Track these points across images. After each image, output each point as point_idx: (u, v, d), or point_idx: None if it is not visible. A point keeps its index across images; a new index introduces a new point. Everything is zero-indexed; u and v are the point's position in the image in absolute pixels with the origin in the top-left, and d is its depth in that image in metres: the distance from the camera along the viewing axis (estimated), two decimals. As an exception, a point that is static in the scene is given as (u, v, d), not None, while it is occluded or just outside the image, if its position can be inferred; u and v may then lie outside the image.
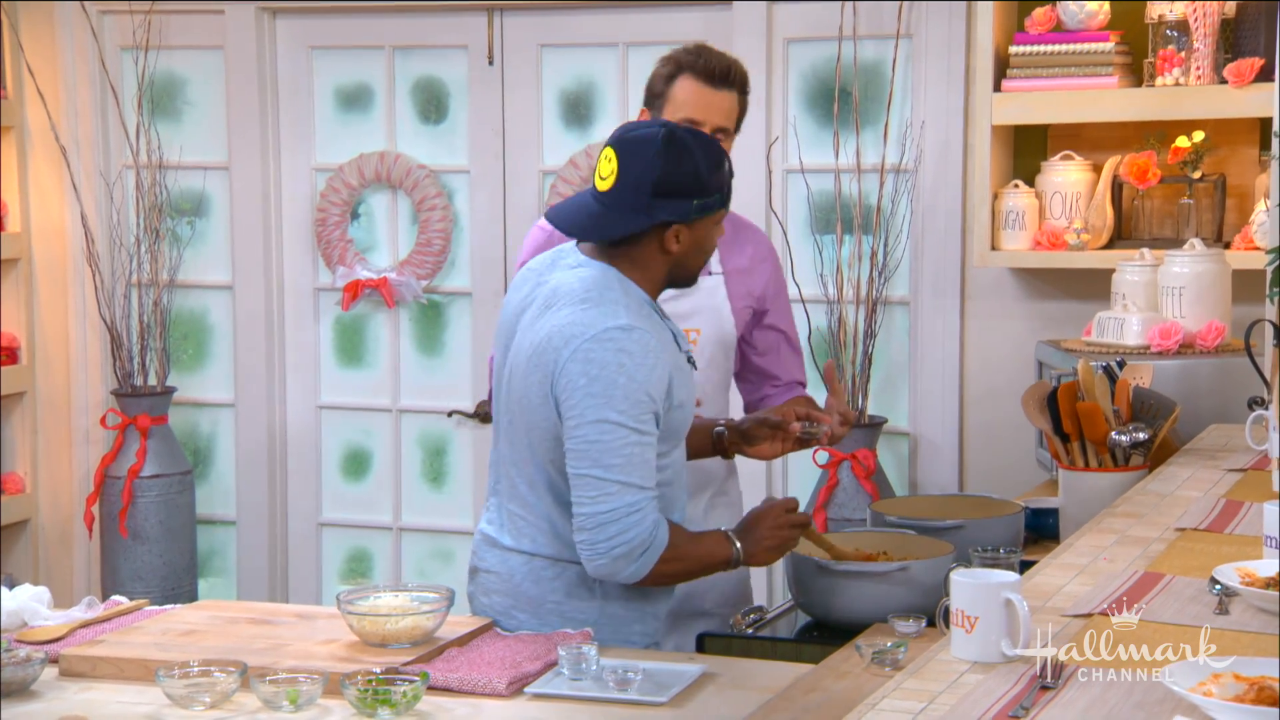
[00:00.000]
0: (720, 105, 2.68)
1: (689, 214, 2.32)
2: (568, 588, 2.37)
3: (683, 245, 2.35)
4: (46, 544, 4.57)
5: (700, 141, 2.35)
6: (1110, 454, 2.75)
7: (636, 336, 2.27)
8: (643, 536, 2.26)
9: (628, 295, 2.33)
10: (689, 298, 2.73)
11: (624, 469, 2.25)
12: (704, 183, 2.32)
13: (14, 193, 4.43)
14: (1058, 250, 3.66)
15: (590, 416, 2.25)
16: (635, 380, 2.26)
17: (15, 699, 2.04)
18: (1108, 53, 3.58)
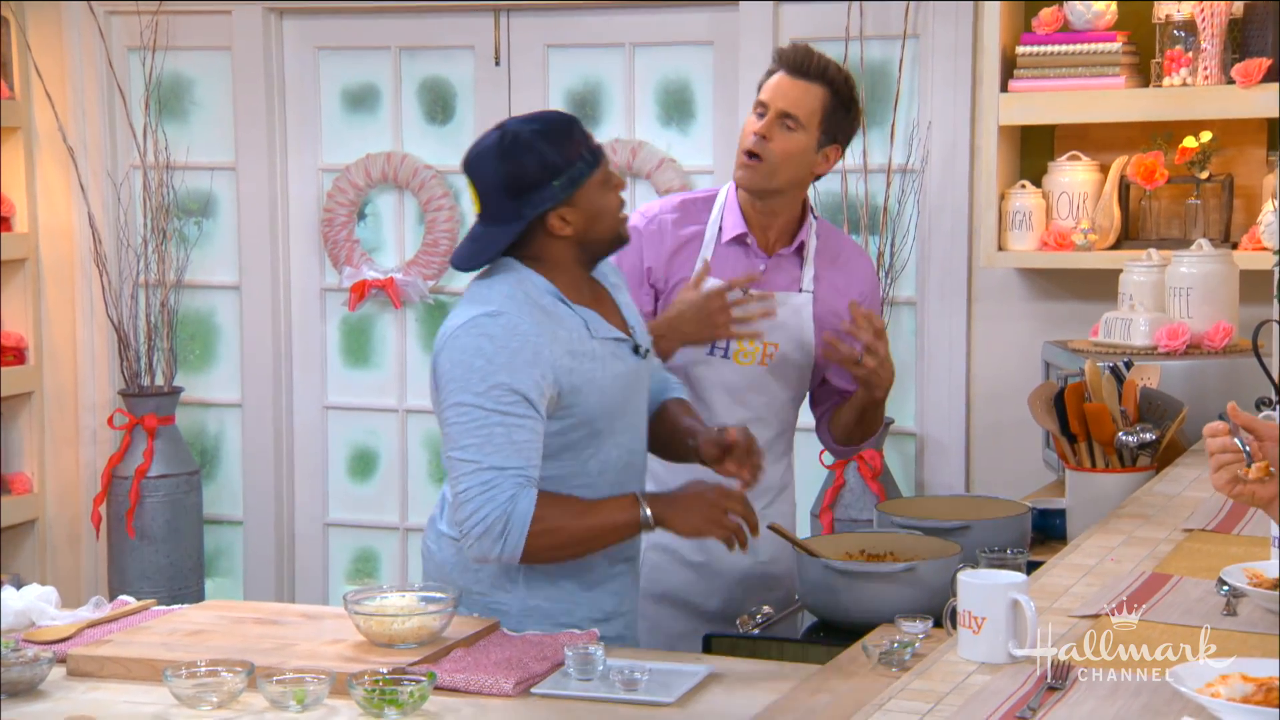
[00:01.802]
0: (788, 90, 2.67)
1: (557, 196, 2.31)
2: (492, 579, 2.39)
3: (574, 222, 2.34)
4: (54, 544, 4.58)
5: (537, 124, 2.33)
6: (1117, 455, 2.75)
7: (503, 321, 2.28)
8: (497, 513, 2.25)
9: (517, 287, 2.33)
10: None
11: (479, 449, 2.26)
12: (555, 163, 2.30)
13: (21, 193, 4.44)
14: (1065, 251, 3.65)
15: (451, 400, 2.29)
16: (494, 363, 2.27)
17: (23, 698, 2.04)
18: (1115, 53, 3.58)
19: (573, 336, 2.34)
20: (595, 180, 2.34)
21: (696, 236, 2.77)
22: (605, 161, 2.37)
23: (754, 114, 2.72)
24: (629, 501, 2.33)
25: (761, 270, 2.74)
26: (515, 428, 2.27)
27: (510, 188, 2.31)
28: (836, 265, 2.81)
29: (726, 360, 2.74)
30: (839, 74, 2.72)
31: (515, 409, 2.27)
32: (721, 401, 2.76)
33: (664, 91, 4.18)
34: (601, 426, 2.38)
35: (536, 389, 2.28)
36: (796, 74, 2.69)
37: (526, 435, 2.28)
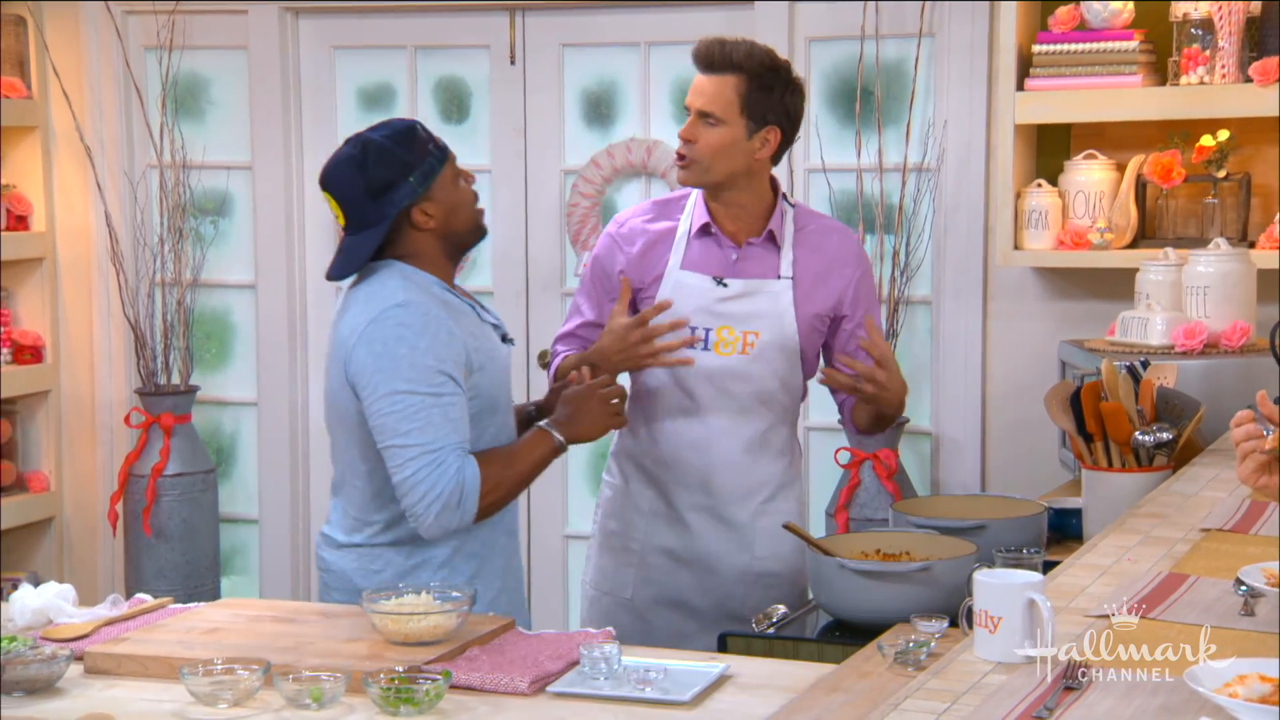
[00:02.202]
0: (702, 88, 2.71)
1: (415, 191, 2.47)
2: (397, 576, 2.49)
3: (435, 216, 2.49)
4: (71, 542, 4.59)
5: (385, 130, 2.49)
6: (1134, 454, 2.74)
7: (414, 309, 2.42)
8: (450, 486, 2.39)
9: (408, 280, 2.47)
10: (749, 300, 2.74)
11: (421, 432, 2.39)
12: (407, 160, 2.46)
13: (39, 192, 4.46)
14: (1081, 250, 3.64)
15: (381, 391, 2.40)
16: (417, 349, 2.39)
17: (41, 696, 2.04)
18: (1132, 51, 3.57)
19: (468, 319, 2.49)
20: (447, 174, 2.50)
21: (669, 232, 2.80)
22: (453, 158, 2.52)
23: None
24: (541, 435, 2.52)
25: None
26: (449, 406, 2.41)
27: (370, 190, 2.46)
28: (817, 248, 2.80)
29: (707, 351, 2.75)
30: (753, 58, 2.72)
31: (445, 389, 2.41)
32: (705, 393, 2.77)
33: (679, 90, 4.17)
34: (498, 403, 2.54)
35: (457, 366, 2.43)
36: (708, 70, 2.72)
37: (458, 411, 2.42)
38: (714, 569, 2.81)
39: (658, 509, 2.82)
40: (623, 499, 2.86)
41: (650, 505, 2.83)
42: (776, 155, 2.76)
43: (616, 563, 2.86)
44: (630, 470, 2.86)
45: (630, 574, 2.84)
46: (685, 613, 2.79)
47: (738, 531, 2.82)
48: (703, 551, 2.81)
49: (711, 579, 2.81)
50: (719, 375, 2.76)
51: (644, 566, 2.83)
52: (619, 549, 2.86)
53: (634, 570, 2.84)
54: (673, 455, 2.80)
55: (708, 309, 2.75)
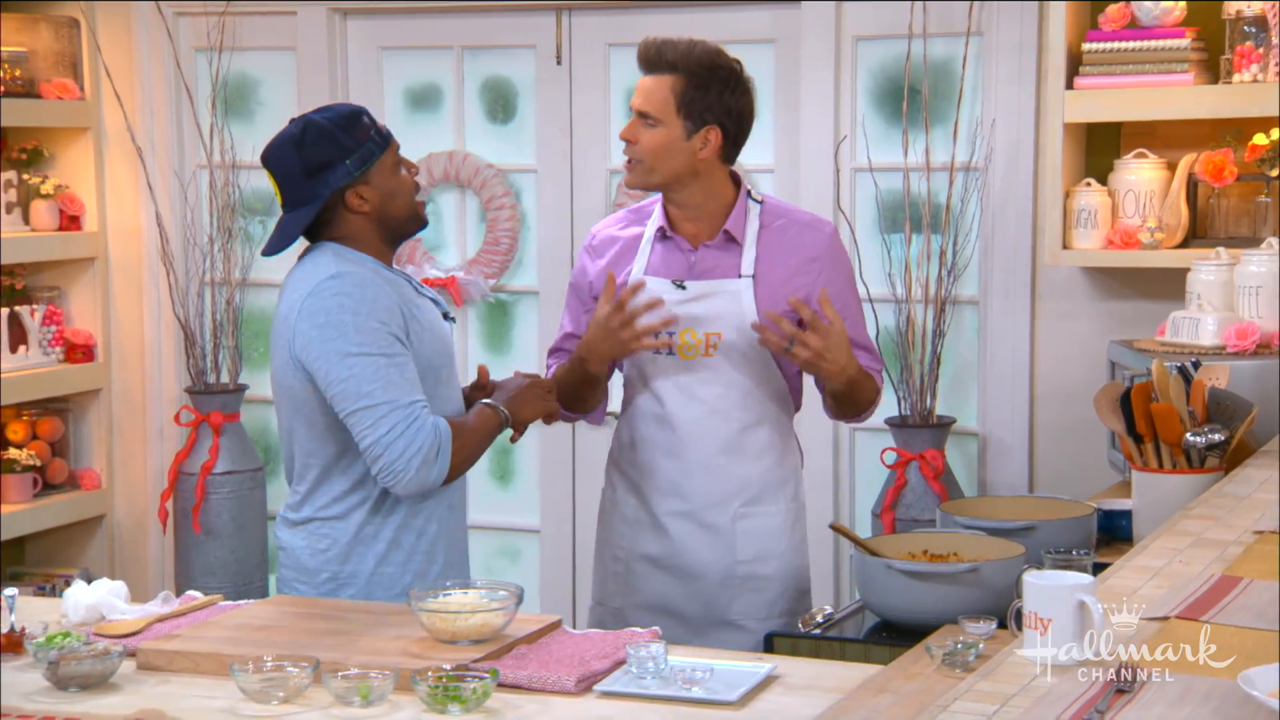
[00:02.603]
0: (642, 89, 2.72)
1: (351, 173, 2.52)
2: (341, 554, 2.56)
3: (370, 201, 2.55)
4: (122, 539, 4.64)
5: (329, 113, 2.54)
6: (1185, 455, 2.72)
7: (348, 278, 2.48)
8: (430, 439, 2.45)
9: (341, 257, 2.53)
10: (709, 301, 2.73)
11: (385, 389, 2.44)
12: (346, 144, 2.51)
13: (91, 193, 4.51)
14: (1131, 249, 3.62)
15: (335, 359, 2.44)
16: (360, 313, 2.45)
17: (95, 691, 2.06)
18: (1183, 49, 3.54)
19: (403, 288, 2.56)
20: (386, 161, 2.55)
21: (636, 239, 2.81)
22: (395, 146, 2.57)
23: None
24: (488, 409, 2.60)
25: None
26: (402, 364, 2.47)
27: (307, 169, 2.51)
28: (784, 244, 2.76)
29: (672, 356, 2.75)
30: (690, 58, 2.71)
31: (394, 348, 2.47)
32: (674, 398, 2.76)
33: (725, 90, 4.17)
34: (443, 372, 2.59)
35: (400, 326, 2.49)
36: (648, 70, 2.73)
37: (411, 370, 2.50)
38: (697, 574, 2.79)
39: (640, 516, 2.82)
40: (610, 507, 2.87)
41: (634, 513, 2.82)
42: (727, 154, 2.73)
43: (605, 572, 2.87)
44: (616, 478, 2.87)
45: (617, 583, 2.84)
46: (673, 619, 2.76)
47: (718, 535, 2.78)
48: (684, 557, 2.79)
49: (695, 584, 2.79)
50: (685, 379, 2.75)
51: (629, 574, 2.82)
52: (607, 558, 2.87)
53: (620, 579, 2.83)
54: (649, 461, 2.80)
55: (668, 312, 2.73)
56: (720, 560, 2.78)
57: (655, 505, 2.80)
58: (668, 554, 2.80)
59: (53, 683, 2.07)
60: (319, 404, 2.50)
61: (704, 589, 2.79)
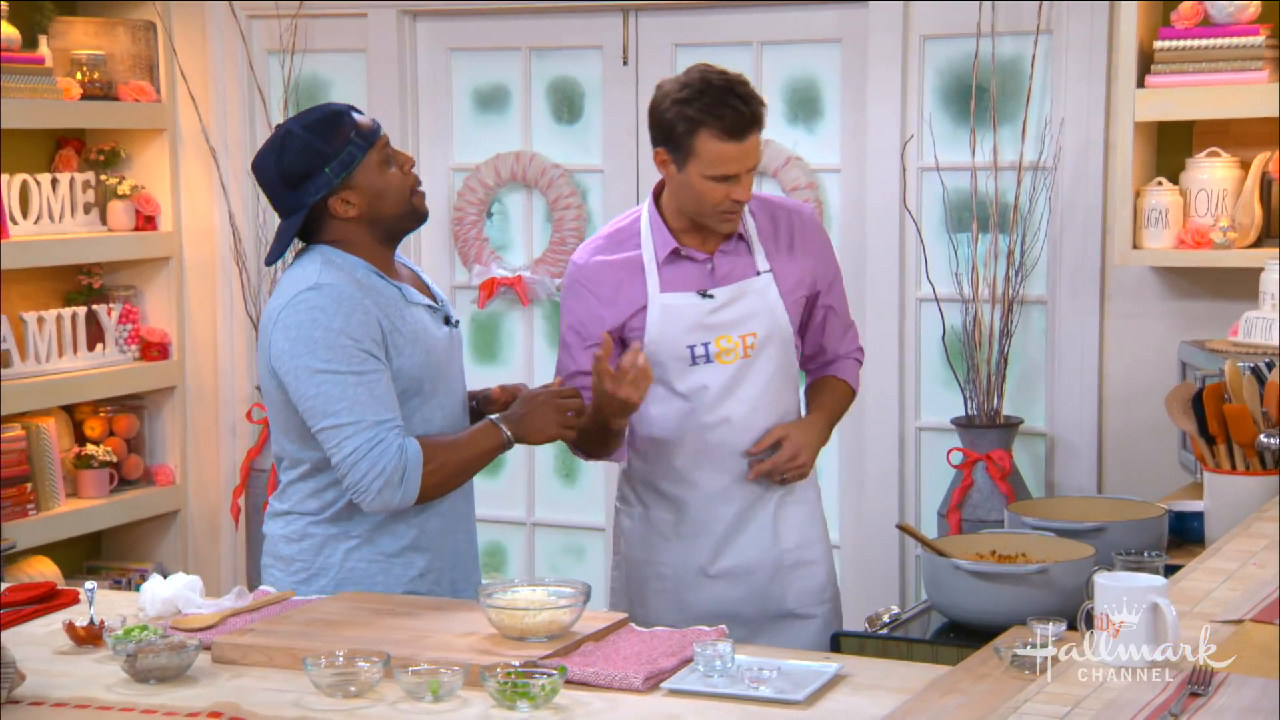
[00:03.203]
0: (747, 152, 2.64)
1: (331, 181, 2.49)
2: (316, 547, 2.58)
3: (357, 205, 2.52)
4: (195, 534, 4.71)
5: (306, 119, 2.51)
6: (1258, 457, 2.69)
7: (326, 291, 2.45)
8: (393, 464, 2.44)
9: (329, 264, 2.51)
10: (738, 304, 2.74)
11: (351, 409, 2.43)
12: (323, 151, 2.48)
13: (166, 193, 4.58)
14: (1203, 249, 3.58)
15: (303, 375, 2.44)
16: (331, 329, 2.43)
17: (173, 683, 2.10)
18: (1258, 47, 3.50)
19: (388, 300, 2.52)
20: (370, 162, 2.51)
21: (635, 262, 2.76)
22: (381, 143, 2.52)
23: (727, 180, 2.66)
24: (489, 428, 2.56)
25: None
26: (373, 382, 2.45)
27: (285, 180, 2.50)
28: (781, 234, 2.79)
29: (711, 364, 2.74)
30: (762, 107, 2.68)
31: (366, 365, 2.45)
32: (714, 401, 2.75)
33: (791, 90, 4.17)
34: (425, 385, 2.56)
35: (374, 342, 2.46)
36: (749, 131, 2.65)
37: (384, 387, 2.46)
38: (749, 573, 2.80)
39: (682, 530, 2.81)
40: (644, 526, 2.84)
41: (674, 528, 2.81)
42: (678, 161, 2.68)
43: (651, 591, 2.83)
44: (649, 496, 2.84)
45: (667, 600, 2.81)
46: (733, 623, 2.74)
47: (762, 530, 2.81)
48: (734, 559, 2.80)
49: (747, 583, 2.80)
50: (725, 385, 2.75)
51: (680, 589, 2.81)
52: (650, 577, 2.83)
53: (670, 596, 2.81)
54: (688, 470, 2.78)
55: (700, 324, 2.73)
56: (768, 554, 2.81)
57: (697, 514, 2.79)
58: (717, 560, 2.80)
59: (131, 675, 2.10)
60: (295, 411, 2.51)
61: (757, 585, 2.80)
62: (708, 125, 2.62)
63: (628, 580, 2.89)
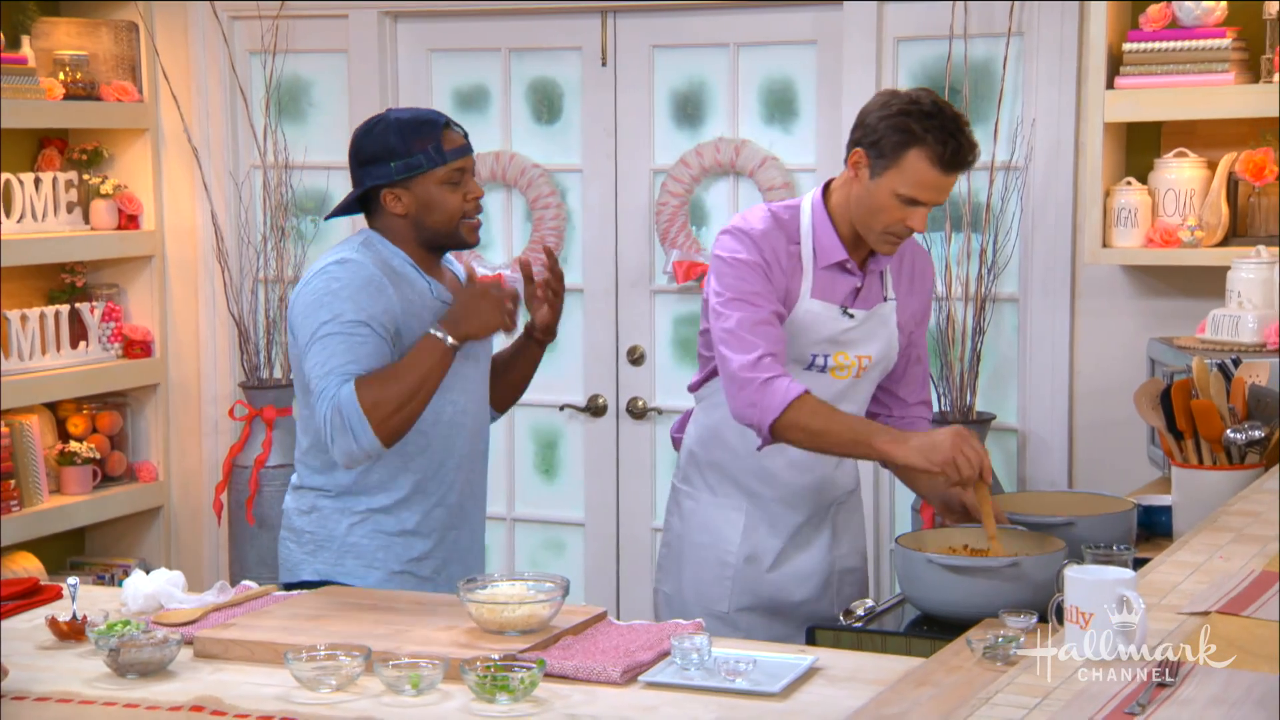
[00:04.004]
0: (945, 188, 2.61)
1: (392, 175, 2.61)
2: (319, 519, 2.68)
3: (405, 206, 2.63)
4: (178, 530, 4.72)
5: (404, 114, 2.63)
6: (1225, 452, 2.72)
7: (351, 266, 2.57)
8: (330, 410, 2.50)
9: (369, 246, 2.63)
10: (868, 325, 2.75)
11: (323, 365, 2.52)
12: (395, 149, 2.60)
13: (149, 192, 4.59)
14: (1171, 248, 3.63)
15: (305, 337, 2.55)
16: (339, 297, 2.54)
17: (154, 678, 2.11)
18: (1224, 49, 3.54)
19: (415, 291, 2.60)
20: (435, 176, 2.62)
21: (797, 256, 2.71)
22: (456, 166, 2.62)
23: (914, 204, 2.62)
24: (427, 340, 2.56)
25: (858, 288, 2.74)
26: (358, 344, 2.51)
27: (357, 156, 2.65)
28: (905, 267, 2.82)
29: (824, 374, 2.75)
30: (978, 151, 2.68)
31: (358, 331, 2.52)
32: None
33: (767, 90, 4.20)
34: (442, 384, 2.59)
35: (377, 320, 2.53)
36: (958, 170, 2.62)
37: (368, 350, 2.52)
38: (809, 573, 2.84)
39: (753, 521, 2.82)
40: (712, 511, 2.85)
41: (747, 520, 2.82)
42: (875, 169, 2.64)
43: (710, 576, 2.84)
44: (719, 483, 2.84)
45: (726, 586, 2.83)
46: (781, 620, 2.81)
47: (823, 535, 2.86)
48: (798, 558, 2.84)
49: (806, 584, 2.84)
50: (832, 397, 2.75)
51: (740, 578, 2.83)
52: (712, 561, 2.84)
53: (729, 582, 2.83)
54: (772, 472, 2.80)
55: (832, 338, 2.74)
56: (826, 557, 2.86)
57: (770, 511, 2.81)
58: (783, 557, 2.83)
59: (113, 669, 2.12)
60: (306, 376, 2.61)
61: (812, 588, 2.84)
62: (928, 146, 2.56)
63: (680, 560, 2.88)
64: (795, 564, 2.84)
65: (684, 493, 2.89)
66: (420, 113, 2.66)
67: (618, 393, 4.37)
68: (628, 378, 4.35)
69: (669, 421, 4.33)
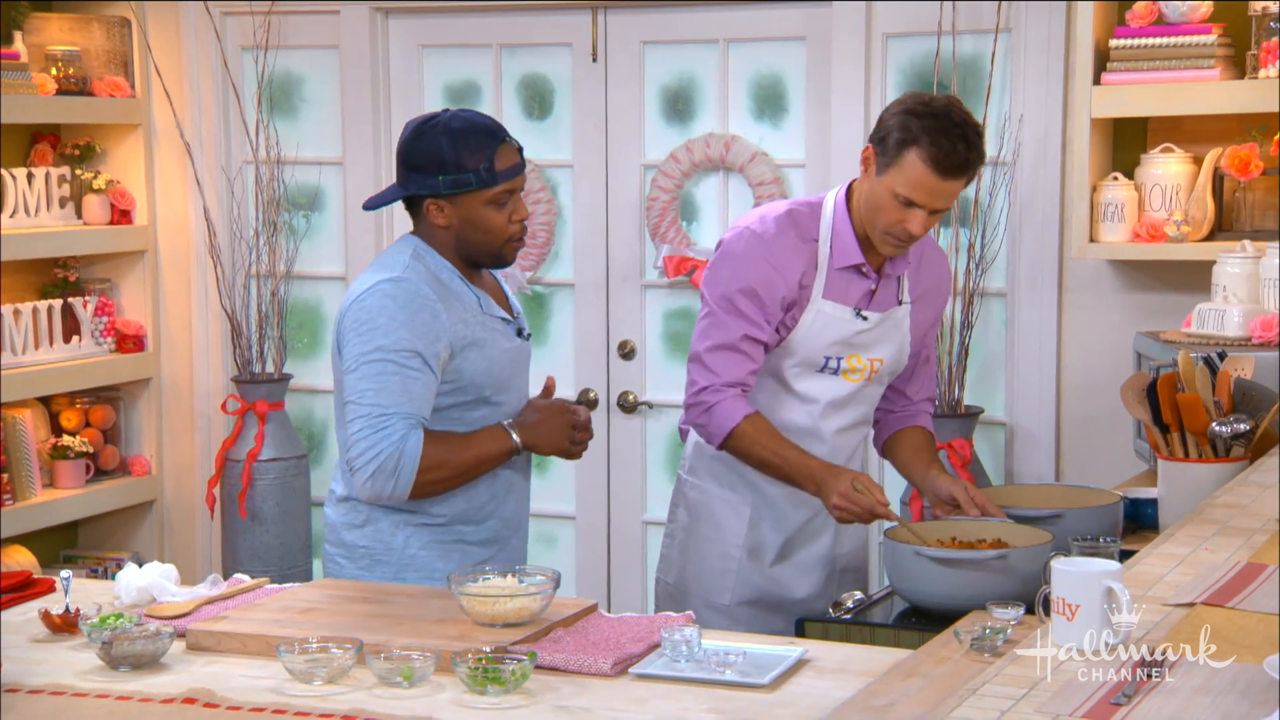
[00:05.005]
0: (946, 192, 2.58)
1: (438, 189, 2.50)
2: (374, 533, 2.60)
3: (448, 219, 2.54)
4: (170, 524, 4.73)
5: (462, 124, 2.50)
6: (1211, 445, 2.74)
7: (405, 285, 2.49)
8: (390, 450, 2.44)
9: (419, 259, 2.55)
10: (881, 328, 2.76)
11: (375, 394, 2.45)
12: (446, 161, 2.49)
13: (141, 188, 4.59)
14: (1157, 242, 3.65)
15: (353, 355, 2.48)
16: (396, 320, 2.46)
17: (146, 671, 2.11)
18: (1210, 45, 3.56)
19: (465, 307, 2.54)
20: (481, 197, 2.51)
21: (812, 255, 2.71)
22: (506, 187, 2.51)
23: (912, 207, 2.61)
24: (499, 431, 2.55)
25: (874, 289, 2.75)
26: (411, 380, 2.45)
27: (406, 159, 2.54)
28: (923, 268, 2.83)
29: (836, 377, 2.77)
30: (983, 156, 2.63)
31: (411, 363, 2.45)
32: (826, 411, 2.79)
33: (757, 86, 4.22)
34: (489, 394, 2.56)
35: (431, 349, 2.47)
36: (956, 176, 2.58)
37: (420, 387, 2.47)
38: (810, 569, 2.86)
39: (760, 517, 2.84)
40: (717, 504, 2.85)
41: (752, 513, 2.83)
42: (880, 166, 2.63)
43: (712, 569, 2.85)
44: (724, 476, 2.84)
45: (728, 579, 2.84)
46: (782, 615, 2.82)
47: (830, 531, 2.87)
48: (800, 555, 2.86)
49: (808, 580, 2.86)
50: (844, 399, 2.78)
51: (742, 571, 2.84)
52: (715, 554, 2.85)
53: (732, 575, 2.84)
54: None
55: (845, 340, 2.74)
56: (829, 554, 2.87)
57: (776, 507, 2.82)
58: (788, 553, 2.85)
59: (105, 662, 2.12)
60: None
61: (814, 584, 2.86)
62: (922, 146, 2.55)
63: (683, 551, 2.89)
64: (798, 559, 2.85)
65: (689, 484, 2.90)
66: (477, 122, 2.51)
67: (608, 387, 4.39)
68: (618, 372, 4.37)
69: (659, 415, 4.35)
